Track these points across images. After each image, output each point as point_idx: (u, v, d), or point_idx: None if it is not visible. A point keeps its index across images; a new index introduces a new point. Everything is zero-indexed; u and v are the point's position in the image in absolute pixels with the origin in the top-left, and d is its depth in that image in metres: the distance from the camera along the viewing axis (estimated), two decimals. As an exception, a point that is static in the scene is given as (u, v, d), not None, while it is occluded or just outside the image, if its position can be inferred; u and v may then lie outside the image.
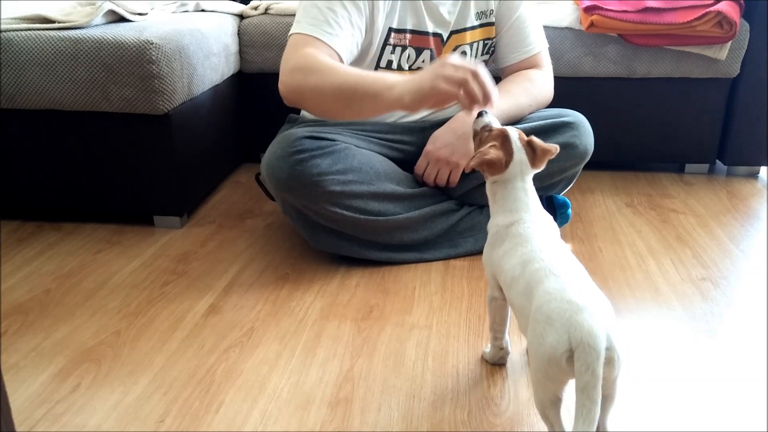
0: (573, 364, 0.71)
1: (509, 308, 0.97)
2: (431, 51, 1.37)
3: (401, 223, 1.33)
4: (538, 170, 0.93)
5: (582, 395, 0.70)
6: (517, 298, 0.85)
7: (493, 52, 1.46)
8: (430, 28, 1.36)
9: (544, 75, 1.45)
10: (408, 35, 1.34)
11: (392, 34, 1.33)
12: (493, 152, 0.90)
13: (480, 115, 1.00)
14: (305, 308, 1.20)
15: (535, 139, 0.93)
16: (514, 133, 0.93)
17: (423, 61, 1.37)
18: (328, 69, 1.16)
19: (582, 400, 0.70)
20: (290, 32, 1.26)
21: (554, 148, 0.92)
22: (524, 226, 0.90)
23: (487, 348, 1.04)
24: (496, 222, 0.94)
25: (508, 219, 0.92)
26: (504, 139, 0.92)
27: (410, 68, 1.37)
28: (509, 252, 0.89)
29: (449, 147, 1.34)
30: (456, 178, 1.36)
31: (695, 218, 1.58)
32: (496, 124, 0.97)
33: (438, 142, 1.35)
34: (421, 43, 1.35)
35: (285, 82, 1.20)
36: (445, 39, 1.38)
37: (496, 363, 1.03)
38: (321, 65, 1.17)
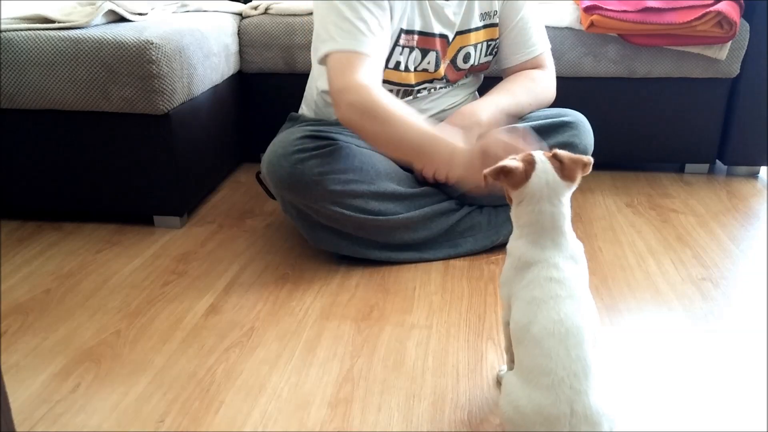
0: None
1: None
2: (437, 53, 1.36)
3: (401, 222, 1.33)
4: (571, 185, 0.83)
5: None
6: (517, 347, 0.81)
7: (496, 53, 1.46)
8: (437, 29, 1.35)
9: (546, 75, 1.45)
10: (416, 36, 1.34)
11: (402, 36, 1.32)
12: (511, 161, 0.83)
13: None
14: (305, 308, 1.20)
15: (559, 151, 0.83)
16: (537, 151, 0.86)
17: (428, 63, 1.36)
18: (387, 119, 1.16)
19: None
20: (324, 51, 1.22)
21: (586, 158, 0.83)
22: (546, 274, 0.80)
23: (502, 370, 0.98)
24: (517, 246, 0.85)
25: (531, 255, 0.82)
26: (526, 154, 0.85)
27: (416, 69, 1.37)
28: (526, 290, 0.81)
29: None
30: (454, 174, 1.36)
31: (695, 218, 1.58)
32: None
33: None
34: (428, 44, 1.35)
35: (343, 117, 1.20)
36: (450, 40, 1.38)
37: None
38: (378, 112, 1.16)
